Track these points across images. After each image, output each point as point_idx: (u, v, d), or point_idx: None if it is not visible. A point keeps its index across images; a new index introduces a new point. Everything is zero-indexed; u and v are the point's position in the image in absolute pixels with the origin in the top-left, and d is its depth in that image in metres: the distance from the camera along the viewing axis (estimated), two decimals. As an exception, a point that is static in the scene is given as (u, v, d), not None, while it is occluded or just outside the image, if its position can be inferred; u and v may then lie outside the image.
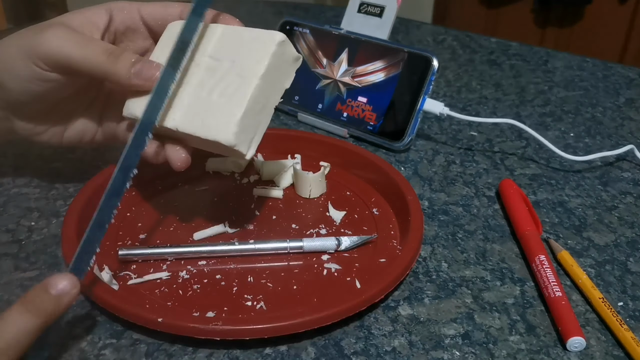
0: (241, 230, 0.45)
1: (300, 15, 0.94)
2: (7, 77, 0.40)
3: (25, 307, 0.30)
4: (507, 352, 0.35)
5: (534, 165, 0.55)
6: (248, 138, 0.38)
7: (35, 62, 0.39)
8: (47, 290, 0.31)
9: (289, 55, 0.39)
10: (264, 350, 0.35)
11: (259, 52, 0.37)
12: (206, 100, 0.38)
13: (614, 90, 0.71)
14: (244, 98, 0.37)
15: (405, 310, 0.38)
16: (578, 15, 1.81)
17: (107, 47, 0.39)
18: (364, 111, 0.58)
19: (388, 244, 0.44)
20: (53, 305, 0.31)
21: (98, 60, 0.39)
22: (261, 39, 0.38)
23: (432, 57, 0.55)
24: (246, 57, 0.38)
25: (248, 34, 0.39)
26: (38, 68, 0.39)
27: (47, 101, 0.42)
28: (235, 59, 0.38)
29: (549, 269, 0.40)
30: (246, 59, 0.38)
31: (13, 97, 0.41)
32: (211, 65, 0.39)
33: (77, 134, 0.46)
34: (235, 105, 0.37)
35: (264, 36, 0.38)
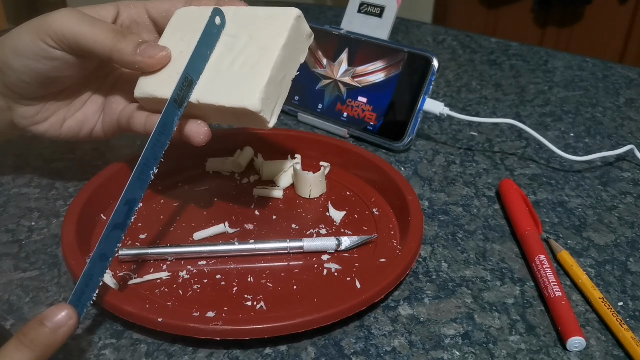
0: (241, 230, 0.45)
1: (300, 15, 0.94)
2: (12, 54, 0.40)
3: (21, 341, 0.30)
4: (507, 352, 0.35)
5: (533, 165, 0.55)
6: (271, 106, 0.39)
7: (43, 38, 0.39)
8: (42, 323, 0.31)
9: (304, 30, 0.40)
10: (264, 350, 0.35)
11: (277, 26, 0.39)
12: (227, 72, 0.39)
13: (614, 90, 0.71)
14: (268, 66, 0.38)
15: (405, 310, 0.38)
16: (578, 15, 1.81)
17: (115, 27, 0.40)
18: (364, 111, 0.58)
19: (388, 244, 0.44)
20: (49, 338, 0.30)
21: (105, 37, 0.39)
22: (278, 14, 0.39)
23: (432, 57, 0.55)
24: (264, 31, 0.39)
25: (263, 12, 0.40)
26: (45, 44, 0.39)
27: (50, 83, 0.42)
28: (252, 34, 0.39)
29: (548, 269, 0.40)
30: (264, 33, 0.39)
31: (16, 77, 0.41)
32: (228, 41, 0.40)
33: (76, 124, 0.45)
34: (259, 73, 0.38)
35: (280, 12, 0.39)
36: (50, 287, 0.39)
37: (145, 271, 0.40)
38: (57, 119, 0.45)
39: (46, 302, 0.38)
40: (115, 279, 0.39)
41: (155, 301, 0.38)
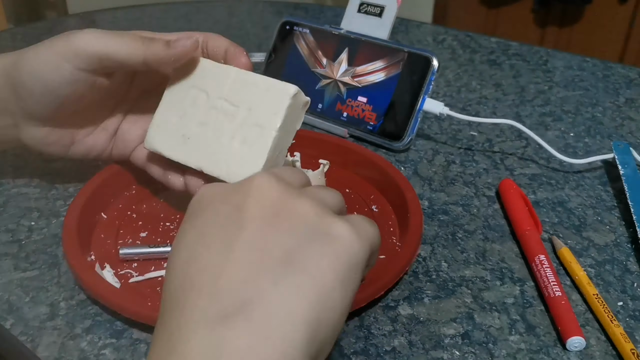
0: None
1: (300, 15, 0.94)
2: (31, 78, 0.40)
3: None
4: (506, 352, 0.35)
5: (533, 165, 0.55)
6: None
7: (70, 60, 0.39)
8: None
9: (300, 102, 0.41)
10: (264, 350, 0.35)
11: (275, 103, 0.40)
12: (228, 147, 0.40)
13: (614, 90, 0.71)
14: (265, 149, 0.39)
15: (405, 310, 0.38)
16: (578, 15, 1.81)
17: (140, 34, 0.41)
18: (364, 111, 0.58)
19: (387, 241, 0.44)
20: None
21: (135, 44, 0.40)
22: (276, 90, 0.40)
23: (432, 57, 0.55)
24: (263, 107, 0.40)
25: (262, 83, 0.41)
26: (71, 66, 0.39)
27: (67, 106, 0.42)
28: (251, 107, 0.40)
29: (548, 269, 0.40)
30: (263, 109, 0.40)
31: (33, 100, 0.41)
32: (228, 109, 0.41)
33: (85, 149, 0.45)
34: (256, 155, 0.39)
35: (278, 87, 0.40)
36: (50, 287, 0.39)
37: (147, 269, 0.40)
38: (65, 142, 0.44)
39: (46, 302, 0.38)
40: (116, 277, 0.39)
41: (157, 299, 0.38)
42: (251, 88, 0.41)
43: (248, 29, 0.89)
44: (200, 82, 0.42)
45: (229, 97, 0.41)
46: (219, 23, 0.91)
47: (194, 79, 0.42)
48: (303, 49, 0.62)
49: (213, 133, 0.41)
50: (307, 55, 0.62)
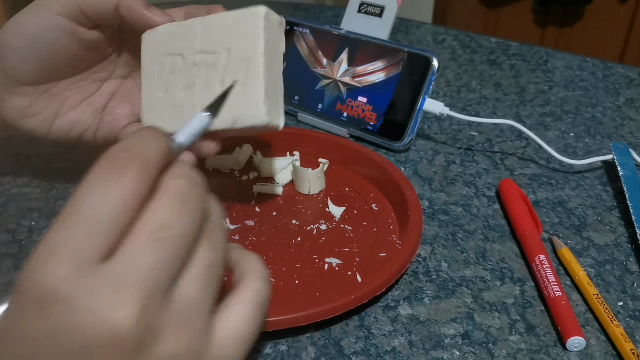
0: (242, 226, 0.45)
1: (300, 15, 0.94)
2: (13, 32, 0.40)
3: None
4: (506, 352, 0.35)
5: (533, 165, 0.55)
6: (276, 110, 0.39)
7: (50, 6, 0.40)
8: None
9: (275, 21, 0.39)
10: (264, 350, 0.35)
11: (250, 32, 0.38)
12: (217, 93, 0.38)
13: (614, 90, 0.71)
14: (259, 78, 0.37)
15: (405, 310, 0.38)
16: (578, 15, 1.81)
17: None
18: (364, 111, 0.58)
19: (387, 239, 0.44)
20: None
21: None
22: (246, 18, 0.38)
23: (432, 57, 0.55)
24: (240, 41, 0.38)
25: (230, 18, 0.39)
26: (50, 12, 0.40)
27: (50, 66, 0.41)
28: (230, 46, 0.39)
29: (548, 269, 0.40)
30: (241, 43, 0.38)
31: (16, 56, 0.41)
32: (207, 60, 0.39)
33: (68, 124, 0.44)
34: (253, 88, 0.38)
35: (247, 15, 0.38)
36: (50, 286, 0.39)
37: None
38: (48, 115, 0.43)
39: (46, 301, 0.38)
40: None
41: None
42: (222, 29, 0.39)
43: (248, 28, 0.88)
44: (171, 47, 0.41)
45: (203, 48, 0.40)
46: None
47: (164, 47, 0.41)
48: (303, 49, 0.62)
49: (203, 90, 0.40)
50: (307, 55, 0.62)
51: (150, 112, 0.42)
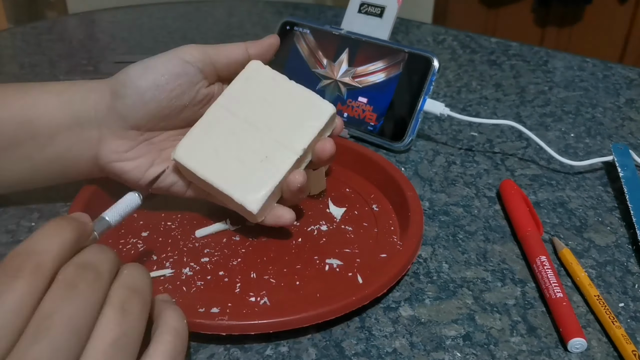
0: (242, 227, 0.45)
1: (300, 15, 0.94)
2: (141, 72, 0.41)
3: None
4: (508, 353, 0.35)
5: (534, 166, 0.55)
6: (268, 205, 0.42)
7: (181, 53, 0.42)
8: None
9: (331, 122, 0.43)
10: (265, 352, 0.35)
11: (307, 124, 0.42)
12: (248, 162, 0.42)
13: (614, 90, 0.71)
14: (277, 175, 0.41)
15: (406, 311, 0.38)
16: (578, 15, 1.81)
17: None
18: (364, 111, 0.58)
19: (388, 240, 0.44)
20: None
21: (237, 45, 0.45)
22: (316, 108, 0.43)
23: (433, 58, 0.55)
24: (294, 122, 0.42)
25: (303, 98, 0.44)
26: (181, 58, 0.42)
27: (164, 108, 0.42)
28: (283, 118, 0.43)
29: (549, 270, 0.40)
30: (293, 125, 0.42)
31: (135, 97, 0.41)
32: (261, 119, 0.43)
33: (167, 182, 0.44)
34: (266, 179, 0.41)
35: (318, 105, 0.43)
36: (50, 287, 0.39)
37: (149, 268, 0.40)
38: (145, 161, 0.43)
39: (46, 302, 0.38)
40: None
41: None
42: (290, 100, 0.43)
43: (248, 29, 0.89)
44: (264, 93, 0.44)
45: (268, 97, 0.43)
46: (219, 23, 0.91)
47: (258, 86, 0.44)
48: (303, 49, 0.62)
49: (240, 147, 0.42)
50: (307, 55, 0.62)
51: (188, 146, 0.43)
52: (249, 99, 0.43)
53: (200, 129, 0.43)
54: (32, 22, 0.92)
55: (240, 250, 0.43)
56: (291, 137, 0.42)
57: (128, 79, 0.41)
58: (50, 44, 0.82)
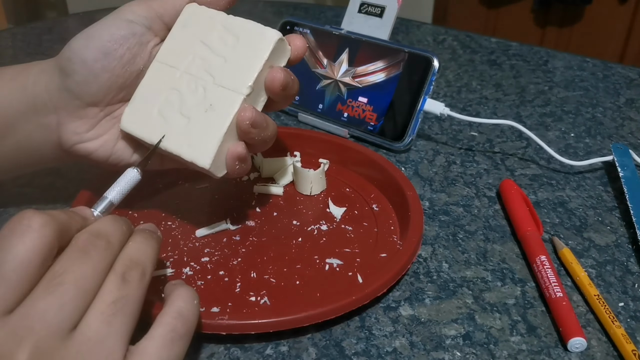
0: (243, 227, 0.45)
1: (300, 15, 0.94)
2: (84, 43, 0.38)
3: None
4: (508, 353, 0.35)
5: (534, 166, 0.55)
6: (221, 157, 0.38)
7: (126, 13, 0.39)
8: None
9: (282, 50, 0.39)
10: (265, 351, 0.35)
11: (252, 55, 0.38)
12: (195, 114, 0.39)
13: (614, 90, 0.71)
14: (225, 124, 0.37)
15: (406, 311, 0.38)
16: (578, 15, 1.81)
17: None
18: (364, 111, 0.58)
19: (388, 239, 0.44)
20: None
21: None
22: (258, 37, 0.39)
23: (433, 58, 0.55)
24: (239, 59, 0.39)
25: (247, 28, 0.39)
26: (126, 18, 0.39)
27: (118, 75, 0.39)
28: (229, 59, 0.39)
29: (549, 270, 0.40)
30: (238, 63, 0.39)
31: (84, 71, 0.38)
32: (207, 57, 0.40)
33: (133, 144, 0.41)
34: (214, 129, 0.38)
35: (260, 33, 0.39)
36: (50, 287, 0.39)
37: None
38: (110, 138, 0.41)
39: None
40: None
41: (158, 298, 0.38)
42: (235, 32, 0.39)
43: (248, 29, 0.88)
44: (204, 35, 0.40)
45: (209, 41, 0.40)
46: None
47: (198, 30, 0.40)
48: (303, 49, 0.62)
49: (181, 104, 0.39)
50: (307, 55, 0.62)
51: (132, 113, 0.40)
52: (188, 47, 0.40)
53: (141, 92, 0.40)
54: (32, 22, 0.93)
55: (240, 249, 0.43)
56: (235, 77, 0.38)
57: (72, 53, 0.38)
58: (50, 44, 0.82)
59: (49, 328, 0.26)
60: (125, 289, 0.28)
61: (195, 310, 0.30)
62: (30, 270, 0.26)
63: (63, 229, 0.28)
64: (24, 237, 0.27)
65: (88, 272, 0.27)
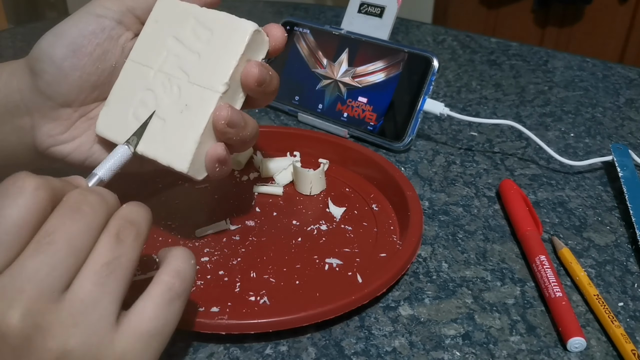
0: (243, 226, 0.45)
1: (300, 15, 0.94)
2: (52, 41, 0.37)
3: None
4: (507, 353, 0.35)
5: (534, 166, 0.55)
6: (199, 159, 0.37)
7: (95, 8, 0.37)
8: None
9: (260, 42, 0.37)
10: (265, 351, 0.35)
11: (229, 50, 0.36)
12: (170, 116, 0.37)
13: (614, 90, 0.71)
14: (201, 125, 0.36)
15: (406, 311, 0.38)
16: (578, 15, 1.81)
17: None
18: (364, 111, 0.58)
19: (388, 239, 0.44)
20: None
21: None
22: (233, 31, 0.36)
23: (433, 58, 0.55)
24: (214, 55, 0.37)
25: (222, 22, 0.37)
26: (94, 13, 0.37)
27: (91, 73, 0.38)
28: (202, 53, 0.37)
29: (549, 270, 0.40)
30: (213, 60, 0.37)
31: (54, 71, 0.36)
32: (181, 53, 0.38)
33: (111, 150, 0.39)
34: (190, 131, 0.36)
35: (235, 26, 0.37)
36: (50, 287, 0.39)
37: (148, 267, 0.40)
38: (87, 140, 0.39)
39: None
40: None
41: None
42: (210, 27, 0.37)
43: (248, 29, 0.88)
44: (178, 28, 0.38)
45: (182, 36, 0.38)
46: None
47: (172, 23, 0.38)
48: (303, 49, 0.62)
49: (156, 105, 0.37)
50: (307, 55, 0.62)
51: (106, 117, 0.39)
52: (161, 44, 0.38)
53: (115, 94, 0.39)
54: (32, 22, 0.93)
55: (240, 249, 0.43)
56: (210, 74, 0.36)
57: (40, 52, 0.37)
58: (50, 43, 0.82)
59: (39, 289, 0.25)
60: (119, 249, 0.27)
61: (192, 270, 0.30)
62: (22, 232, 0.26)
63: (56, 194, 0.27)
64: (17, 199, 0.26)
65: (80, 231, 0.27)
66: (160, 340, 0.28)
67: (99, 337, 0.26)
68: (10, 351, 0.25)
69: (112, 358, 0.26)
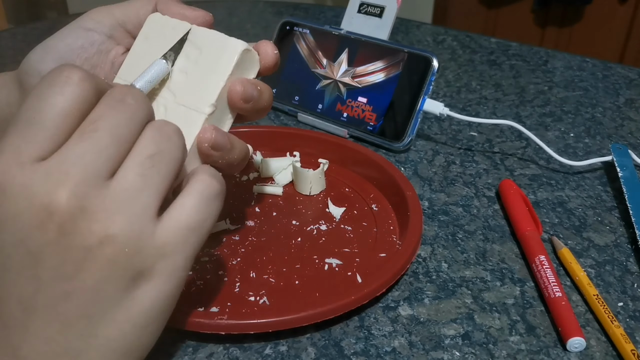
0: (242, 226, 0.45)
1: (300, 15, 0.94)
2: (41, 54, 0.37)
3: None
4: (507, 353, 0.35)
5: (533, 166, 0.55)
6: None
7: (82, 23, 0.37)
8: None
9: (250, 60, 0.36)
10: (264, 351, 0.35)
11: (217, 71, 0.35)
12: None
13: (614, 90, 0.71)
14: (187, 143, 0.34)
15: (405, 311, 0.38)
16: (578, 15, 1.81)
17: None
18: (364, 111, 0.58)
19: (387, 239, 0.44)
20: None
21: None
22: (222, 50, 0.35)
23: (432, 58, 0.55)
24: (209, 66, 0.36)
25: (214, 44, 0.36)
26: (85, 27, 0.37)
27: None
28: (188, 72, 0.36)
29: (549, 270, 0.40)
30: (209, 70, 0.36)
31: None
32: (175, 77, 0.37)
33: None
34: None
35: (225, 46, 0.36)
36: (50, 287, 0.39)
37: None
38: None
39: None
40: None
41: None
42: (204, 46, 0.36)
43: (248, 29, 0.89)
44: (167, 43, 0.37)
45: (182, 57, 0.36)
46: (219, 23, 0.91)
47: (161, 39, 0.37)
48: (303, 49, 0.62)
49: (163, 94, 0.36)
50: (307, 55, 0.62)
51: None
52: (150, 62, 0.36)
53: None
54: (32, 22, 0.93)
55: (239, 249, 0.43)
56: (197, 95, 0.35)
57: (29, 66, 0.37)
58: (50, 44, 0.82)
59: (85, 173, 0.26)
60: (163, 142, 0.28)
61: (223, 179, 0.31)
62: (67, 120, 0.26)
63: (100, 89, 0.28)
64: (64, 88, 0.26)
65: (124, 120, 0.27)
66: (198, 235, 0.29)
67: (140, 226, 0.27)
68: (56, 229, 0.25)
69: (152, 248, 0.27)
